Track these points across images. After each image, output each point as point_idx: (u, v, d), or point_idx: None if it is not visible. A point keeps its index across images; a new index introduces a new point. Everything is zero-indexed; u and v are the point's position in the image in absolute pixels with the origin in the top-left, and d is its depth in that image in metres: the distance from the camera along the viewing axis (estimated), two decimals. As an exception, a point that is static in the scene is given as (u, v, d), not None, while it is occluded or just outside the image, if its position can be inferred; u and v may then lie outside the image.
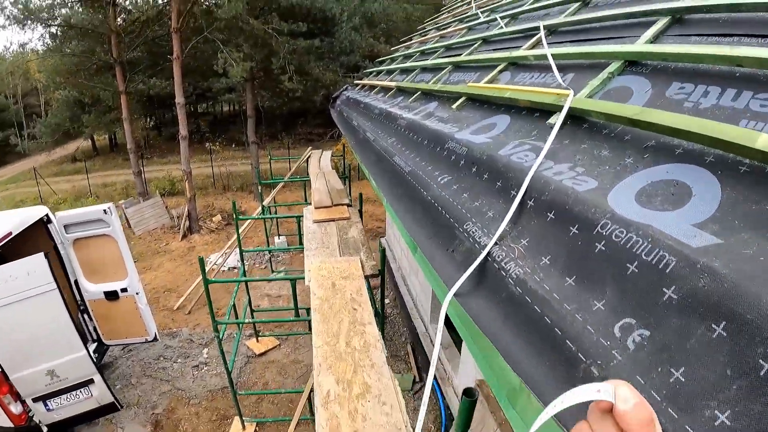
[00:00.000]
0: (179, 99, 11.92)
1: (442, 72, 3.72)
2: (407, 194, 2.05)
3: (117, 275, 5.59)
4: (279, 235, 10.88)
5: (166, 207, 13.78)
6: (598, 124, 1.45)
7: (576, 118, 1.53)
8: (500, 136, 1.80)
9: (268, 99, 19.84)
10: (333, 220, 4.47)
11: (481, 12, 5.28)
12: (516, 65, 2.53)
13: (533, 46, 2.58)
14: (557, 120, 1.52)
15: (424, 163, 2.16)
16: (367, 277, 3.45)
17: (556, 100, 1.58)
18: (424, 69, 4.65)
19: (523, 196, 1.32)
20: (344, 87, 8.54)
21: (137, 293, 5.67)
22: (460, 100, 2.64)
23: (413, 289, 7.03)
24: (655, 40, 1.62)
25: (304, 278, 3.39)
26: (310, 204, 5.04)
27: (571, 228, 1.14)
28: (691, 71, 1.40)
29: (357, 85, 7.69)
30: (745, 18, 1.44)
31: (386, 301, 8.03)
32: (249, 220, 9.10)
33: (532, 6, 3.40)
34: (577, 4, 2.61)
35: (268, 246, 8.78)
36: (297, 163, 10.49)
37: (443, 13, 8.67)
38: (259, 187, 8.23)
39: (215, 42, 12.90)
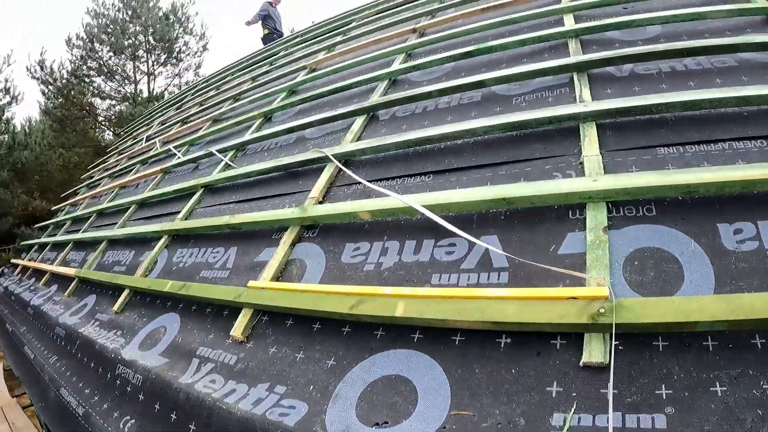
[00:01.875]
0: None
1: (158, 243, 2.44)
2: None
3: None
4: None
5: None
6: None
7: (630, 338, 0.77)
8: None
9: None
10: None
11: (175, 147, 4.17)
12: (316, 229, 1.63)
13: (329, 189, 1.77)
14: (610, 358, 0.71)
15: None
16: None
17: (581, 315, 0.77)
18: (116, 242, 3.08)
19: None
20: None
21: None
22: (247, 321, 1.54)
23: None
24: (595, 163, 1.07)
25: None
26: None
27: None
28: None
29: (16, 267, 5.50)
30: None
31: None
32: None
33: (265, 132, 2.63)
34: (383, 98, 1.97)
35: None
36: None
37: (112, 156, 7.03)
38: None
39: None
